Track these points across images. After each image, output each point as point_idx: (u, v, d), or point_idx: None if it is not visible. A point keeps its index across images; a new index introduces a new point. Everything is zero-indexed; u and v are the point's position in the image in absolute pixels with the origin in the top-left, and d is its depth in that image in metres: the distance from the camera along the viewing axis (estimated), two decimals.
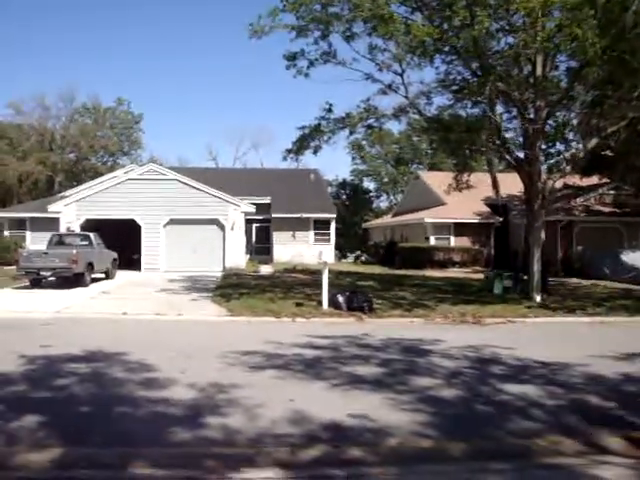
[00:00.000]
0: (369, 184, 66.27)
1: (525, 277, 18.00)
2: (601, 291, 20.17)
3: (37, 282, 18.76)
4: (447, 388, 7.14)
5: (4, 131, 52.50)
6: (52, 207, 27.18)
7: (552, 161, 19.09)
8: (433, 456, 4.99)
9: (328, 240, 35.81)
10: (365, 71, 17.63)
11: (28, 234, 31.96)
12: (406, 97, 17.78)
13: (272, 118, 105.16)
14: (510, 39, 16.17)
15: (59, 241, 21.19)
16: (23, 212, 33.10)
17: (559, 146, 19.33)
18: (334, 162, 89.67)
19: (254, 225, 35.84)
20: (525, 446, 5.21)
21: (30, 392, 6.63)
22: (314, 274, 21.42)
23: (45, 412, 5.78)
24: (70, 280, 18.64)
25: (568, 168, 18.27)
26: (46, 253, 18.99)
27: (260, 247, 36.47)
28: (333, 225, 36.35)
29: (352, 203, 61.13)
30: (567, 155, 18.40)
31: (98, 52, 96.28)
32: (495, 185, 19.12)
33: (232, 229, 26.99)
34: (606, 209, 29.27)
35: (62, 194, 34.27)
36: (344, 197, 62.67)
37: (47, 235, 22.37)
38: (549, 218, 21.31)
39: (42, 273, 18.38)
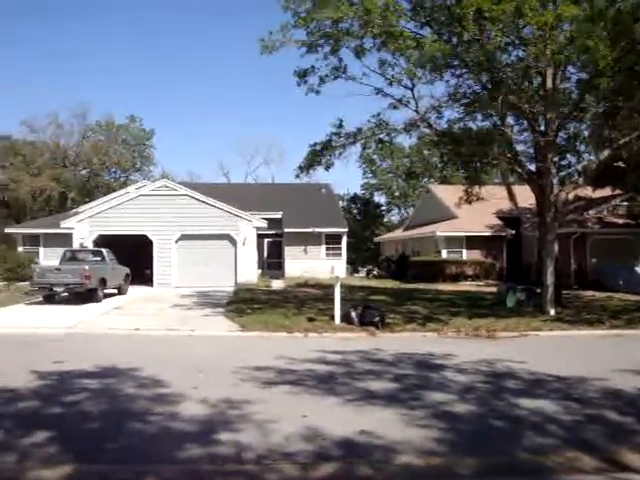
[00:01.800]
0: (380, 198, 66.44)
1: (538, 290, 17.84)
2: (616, 304, 19.92)
3: (50, 298, 18.84)
4: (461, 403, 7.06)
5: (18, 148, 53.03)
6: (65, 223, 27.34)
7: (564, 173, 19.03)
8: (446, 473, 4.92)
9: (340, 254, 35.74)
10: (375, 86, 17.67)
11: (41, 250, 32.13)
12: (416, 111, 17.76)
13: (283, 132, 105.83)
14: (520, 52, 16.18)
15: (72, 257, 21.29)
16: (36, 228, 33.27)
17: (571, 158, 19.33)
18: (345, 176, 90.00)
19: (266, 240, 35.80)
20: (540, 462, 5.12)
21: (42, 408, 6.63)
22: (326, 289, 21.37)
23: (57, 428, 5.78)
24: (83, 296, 18.72)
25: (580, 180, 18.19)
26: (59, 269, 19.12)
27: (272, 262, 36.44)
28: (345, 239, 36.24)
29: (363, 217, 61.17)
30: (579, 167, 18.31)
31: (111, 69, 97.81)
32: (511, 196, 19.04)
33: (244, 244, 27.00)
34: (619, 220, 28.99)
35: (75, 210, 34.48)
36: (355, 211, 62.71)
37: (60, 251, 22.54)
38: (562, 230, 21.14)
39: (55, 289, 18.48)
